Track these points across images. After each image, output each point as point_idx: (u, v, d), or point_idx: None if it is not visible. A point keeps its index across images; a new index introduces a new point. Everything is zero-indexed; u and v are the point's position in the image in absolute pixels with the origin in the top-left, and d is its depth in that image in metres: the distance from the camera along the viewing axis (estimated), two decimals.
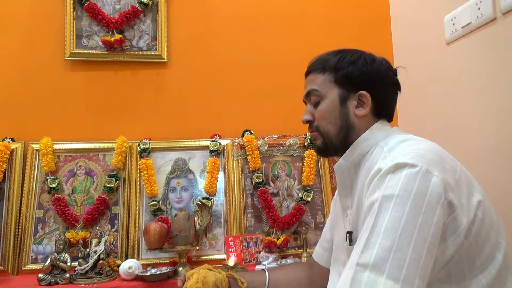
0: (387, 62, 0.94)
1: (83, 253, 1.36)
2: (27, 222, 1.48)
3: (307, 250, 1.52)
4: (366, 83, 0.90)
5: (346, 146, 0.91)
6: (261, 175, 1.64)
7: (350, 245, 0.84)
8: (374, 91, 0.90)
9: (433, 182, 0.69)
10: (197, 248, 1.45)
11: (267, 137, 1.72)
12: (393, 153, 0.78)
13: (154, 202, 1.55)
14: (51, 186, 1.51)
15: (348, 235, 0.85)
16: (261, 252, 1.50)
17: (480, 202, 0.75)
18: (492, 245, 0.75)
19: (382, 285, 0.62)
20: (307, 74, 0.98)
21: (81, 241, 1.44)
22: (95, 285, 1.29)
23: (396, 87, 0.95)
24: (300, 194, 1.65)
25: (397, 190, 0.68)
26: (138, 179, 1.59)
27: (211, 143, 1.67)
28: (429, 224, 0.66)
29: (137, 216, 1.54)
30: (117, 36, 1.67)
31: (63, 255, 1.33)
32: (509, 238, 0.81)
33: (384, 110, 0.93)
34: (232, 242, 1.51)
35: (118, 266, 1.36)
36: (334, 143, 0.92)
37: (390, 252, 0.64)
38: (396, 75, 0.96)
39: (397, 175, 0.70)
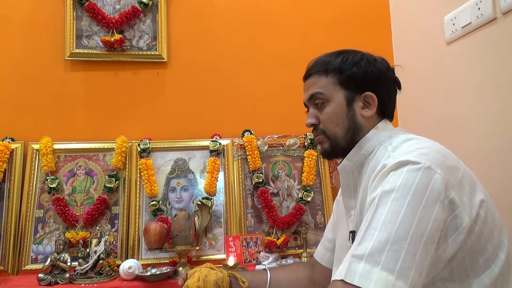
0: (386, 61, 0.95)
1: (83, 253, 1.36)
2: (27, 222, 1.48)
3: (307, 250, 1.52)
4: (371, 84, 0.89)
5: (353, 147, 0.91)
6: (261, 175, 1.64)
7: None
8: (379, 91, 0.90)
9: (434, 179, 0.69)
10: (197, 248, 1.45)
11: (267, 137, 1.72)
12: (396, 152, 0.78)
13: (154, 202, 1.55)
14: (51, 186, 1.50)
15: (351, 234, 0.85)
16: (261, 252, 1.50)
17: (483, 201, 0.76)
18: (495, 245, 0.75)
19: (376, 275, 0.62)
20: (307, 77, 0.96)
21: (81, 241, 1.44)
22: (95, 285, 1.29)
23: (396, 85, 0.95)
24: (300, 194, 1.65)
25: (397, 185, 0.69)
26: (138, 179, 1.59)
27: (211, 143, 1.67)
28: (427, 219, 0.66)
29: (137, 216, 1.54)
30: (117, 36, 1.67)
31: (63, 255, 1.33)
32: None
33: (388, 109, 0.93)
34: (232, 242, 1.51)
35: (118, 266, 1.36)
36: (341, 146, 0.91)
37: (386, 244, 0.64)
38: (394, 73, 0.96)
39: (398, 171, 0.71)
